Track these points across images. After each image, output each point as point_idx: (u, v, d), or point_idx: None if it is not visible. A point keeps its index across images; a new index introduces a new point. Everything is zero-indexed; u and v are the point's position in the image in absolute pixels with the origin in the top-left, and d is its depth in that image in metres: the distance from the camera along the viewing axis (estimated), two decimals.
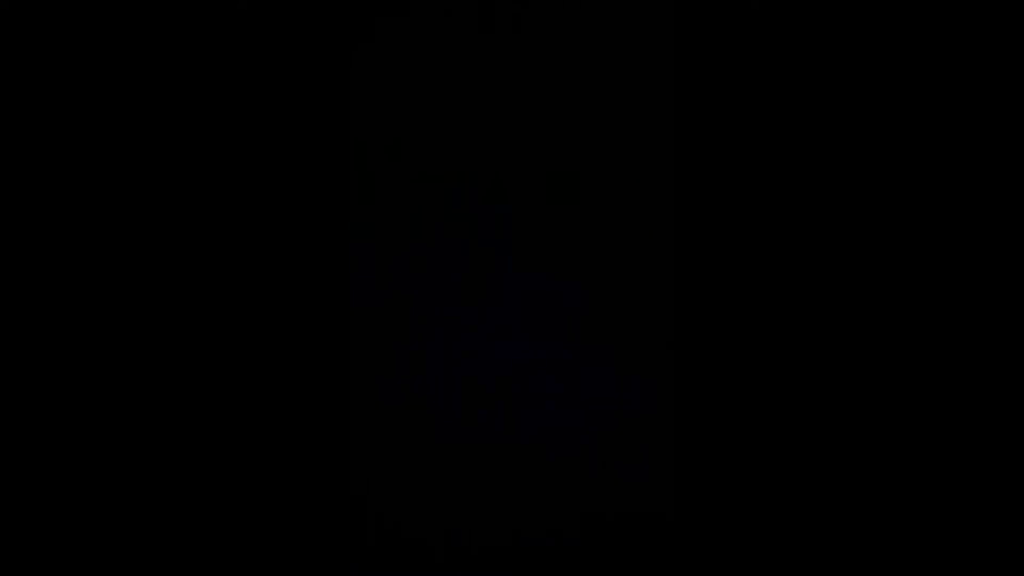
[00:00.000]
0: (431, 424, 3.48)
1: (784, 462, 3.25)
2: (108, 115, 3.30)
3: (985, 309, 3.20)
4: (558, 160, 3.51)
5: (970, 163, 3.23)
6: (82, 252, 3.26)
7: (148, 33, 3.32)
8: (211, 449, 3.28)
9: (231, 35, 3.35)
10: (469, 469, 3.46)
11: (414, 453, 3.48)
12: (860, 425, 3.22)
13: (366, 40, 3.54)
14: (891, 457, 3.21)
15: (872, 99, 3.28)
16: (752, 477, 3.26)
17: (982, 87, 3.24)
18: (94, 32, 3.30)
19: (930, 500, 3.19)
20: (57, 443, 3.23)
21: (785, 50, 3.31)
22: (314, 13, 3.40)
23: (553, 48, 3.52)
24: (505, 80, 3.53)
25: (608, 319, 3.47)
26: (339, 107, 3.42)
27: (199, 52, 3.34)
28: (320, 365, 3.35)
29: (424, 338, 3.49)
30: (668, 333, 3.46)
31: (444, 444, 3.47)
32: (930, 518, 3.19)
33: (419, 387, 3.48)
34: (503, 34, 3.53)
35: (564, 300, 3.48)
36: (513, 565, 3.44)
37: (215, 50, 3.34)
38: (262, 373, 3.31)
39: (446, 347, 3.48)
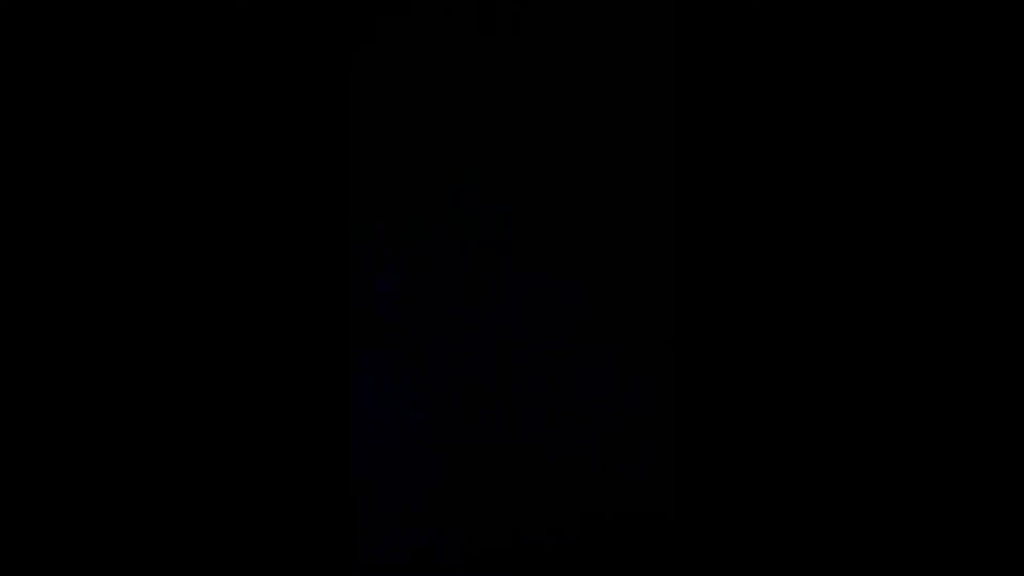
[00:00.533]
0: (431, 424, 3.48)
1: (784, 462, 3.25)
2: (108, 115, 3.30)
3: (984, 309, 3.20)
4: (558, 160, 3.51)
5: (970, 163, 3.23)
6: (83, 253, 3.26)
7: (149, 33, 3.32)
8: (211, 449, 3.29)
9: (231, 35, 3.35)
10: (469, 469, 3.46)
11: (414, 453, 3.48)
12: (859, 425, 3.23)
13: (366, 40, 3.54)
14: (890, 456, 3.21)
15: (872, 99, 3.28)
16: (751, 477, 3.26)
17: (982, 87, 3.24)
18: (94, 32, 3.30)
19: (929, 499, 3.19)
20: (56, 443, 3.24)
21: (785, 50, 3.31)
22: (314, 13, 3.40)
23: (553, 48, 3.52)
24: (505, 80, 3.53)
25: (608, 319, 3.47)
26: (339, 107, 3.42)
27: (199, 52, 3.34)
28: (320, 365, 3.35)
29: (424, 338, 3.49)
30: (668, 333, 3.46)
31: (444, 444, 3.47)
32: (929, 517, 3.19)
33: (419, 387, 3.48)
34: (503, 34, 3.53)
35: (564, 300, 3.48)
36: (513, 565, 3.44)
37: (216, 50, 3.35)
38: (262, 373, 3.32)
39: (446, 347, 3.48)
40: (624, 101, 3.51)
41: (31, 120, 3.28)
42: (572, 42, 3.52)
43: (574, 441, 3.45)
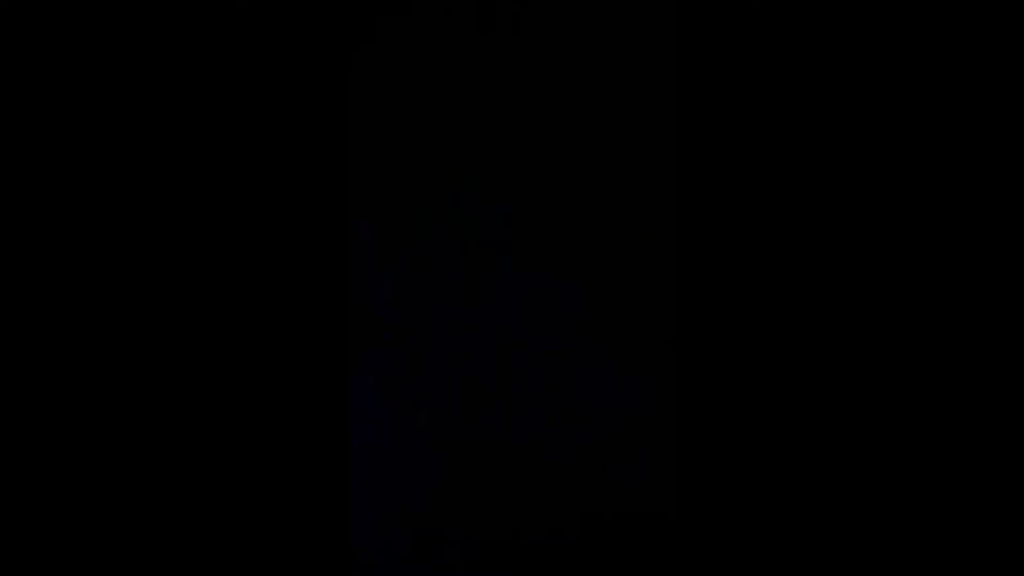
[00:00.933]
0: (431, 424, 3.48)
1: (784, 462, 3.25)
2: (108, 115, 3.30)
3: (985, 310, 3.20)
4: (558, 160, 3.51)
5: (970, 163, 3.23)
6: (82, 253, 3.26)
7: (148, 33, 3.32)
8: (210, 449, 3.28)
9: (231, 35, 3.35)
10: (469, 469, 3.46)
11: (414, 453, 3.48)
12: (860, 425, 3.22)
13: (366, 40, 3.54)
14: (891, 457, 3.21)
15: (872, 99, 3.28)
16: (752, 477, 3.26)
17: (982, 87, 3.24)
18: (94, 32, 3.30)
19: (929, 500, 3.19)
20: (54, 441, 3.24)
21: (785, 50, 3.31)
22: (314, 13, 3.40)
23: (553, 48, 3.52)
24: (505, 80, 3.53)
25: (608, 319, 3.47)
26: (339, 107, 3.42)
27: (199, 52, 3.34)
28: (320, 365, 3.35)
29: (424, 338, 3.49)
30: (668, 333, 3.46)
31: (444, 444, 3.47)
32: (930, 518, 3.19)
33: (419, 387, 3.48)
34: (503, 34, 3.53)
35: (564, 300, 3.48)
36: (513, 565, 3.44)
37: (215, 50, 3.35)
38: (262, 373, 3.31)
39: (446, 347, 3.48)
40: (624, 101, 3.51)
41: (30, 120, 3.28)
42: (572, 42, 3.52)
43: (574, 441, 3.45)
